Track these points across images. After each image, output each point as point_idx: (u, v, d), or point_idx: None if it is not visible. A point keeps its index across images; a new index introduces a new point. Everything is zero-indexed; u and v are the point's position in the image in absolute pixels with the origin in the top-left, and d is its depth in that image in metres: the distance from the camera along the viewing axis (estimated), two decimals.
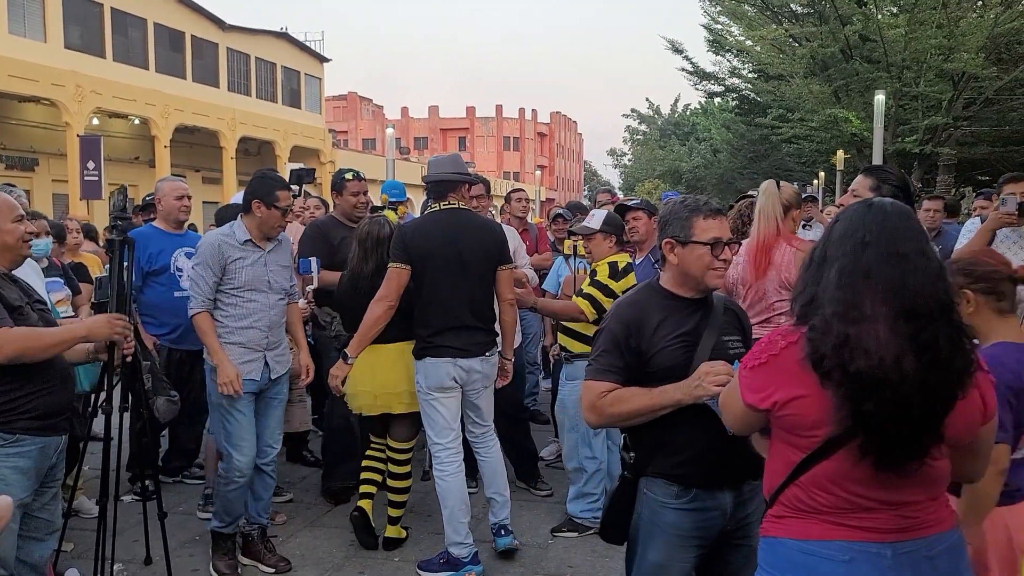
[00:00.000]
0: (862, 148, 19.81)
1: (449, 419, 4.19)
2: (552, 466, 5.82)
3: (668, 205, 2.69)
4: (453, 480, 4.16)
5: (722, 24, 23.96)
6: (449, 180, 4.22)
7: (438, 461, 4.19)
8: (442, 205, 4.20)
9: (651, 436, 2.50)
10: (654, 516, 2.53)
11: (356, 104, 67.71)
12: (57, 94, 23.02)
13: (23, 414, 2.88)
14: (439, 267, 4.07)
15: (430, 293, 4.10)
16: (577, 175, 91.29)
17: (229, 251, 4.03)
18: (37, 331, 2.85)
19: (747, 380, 1.89)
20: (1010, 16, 15.41)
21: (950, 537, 1.85)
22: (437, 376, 4.11)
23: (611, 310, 2.64)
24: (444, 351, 4.08)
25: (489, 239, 4.24)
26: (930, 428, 1.73)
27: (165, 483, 5.05)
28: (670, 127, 66.48)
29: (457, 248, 4.09)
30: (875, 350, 1.68)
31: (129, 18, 26.56)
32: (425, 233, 4.13)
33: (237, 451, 4.05)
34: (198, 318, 4.03)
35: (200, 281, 4.03)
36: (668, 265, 2.59)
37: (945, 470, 1.83)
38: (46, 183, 25.14)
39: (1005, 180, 5.14)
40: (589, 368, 2.54)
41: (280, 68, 34.16)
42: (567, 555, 4.42)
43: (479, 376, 4.20)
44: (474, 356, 4.14)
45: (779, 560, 1.88)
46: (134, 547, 4.39)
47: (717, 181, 42.45)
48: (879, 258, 1.74)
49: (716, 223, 2.55)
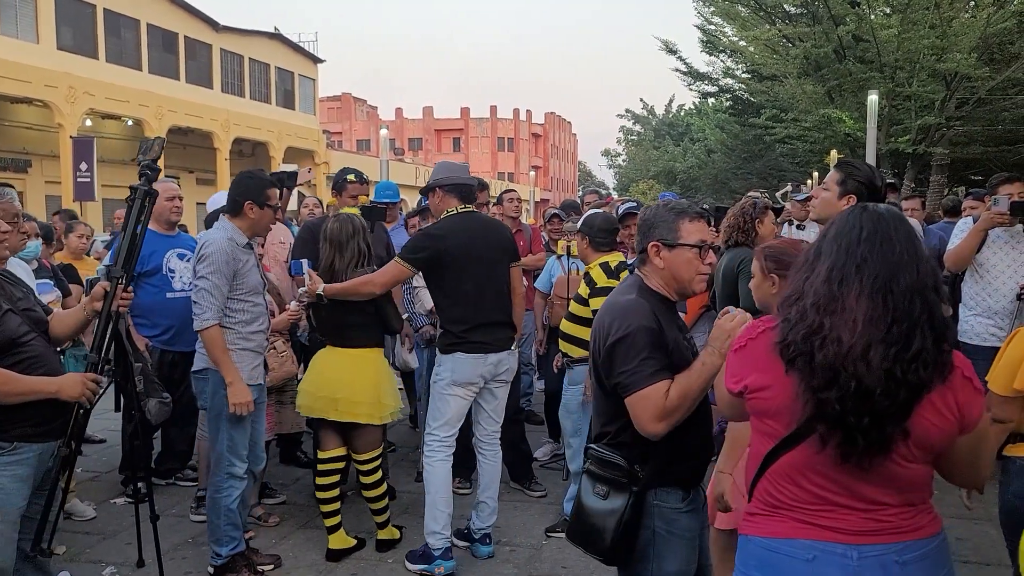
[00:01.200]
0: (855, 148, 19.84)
1: (455, 416, 4.25)
2: (546, 467, 5.82)
3: (651, 208, 2.63)
4: (441, 467, 4.21)
5: (715, 25, 23.99)
6: (470, 185, 4.44)
7: (429, 449, 4.24)
8: (459, 208, 4.30)
9: (669, 444, 2.40)
10: (670, 526, 2.48)
11: (350, 105, 67.64)
12: (50, 95, 22.97)
13: (19, 422, 2.87)
14: (464, 265, 4.17)
15: (457, 292, 4.19)
16: (572, 176, 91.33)
17: (239, 255, 3.98)
18: (10, 376, 2.82)
19: (728, 364, 1.96)
20: (1002, 16, 15.44)
21: (927, 544, 1.82)
22: (464, 372, 4.18)
23: (619, 314, 2.47)
24: (476, 347, 4.18)
25: (504, 236, 4.45)
26: (892, 420, 1.71)
27: (158, 485, 5.03)
28: (664, 127, 66.53)
29: (479, 247, 4.22)
30: (847, 340, 1.70)
31: (122, 19, 26.52)
32: (450, 234, 4.21)
33: (240, 460, 4.04)
34: (213, 331, 3.86)
35: (216, 292, 3.87)
36: (652, 268, 2.56)
37: (920, 475, 1.81)
38: (39, 184, 25.08)
39: (999, 181, 5.15)
40: (636, 377, 2.35)
41: (274, 69, 34.13)
42: (561, 555, 4.41)
43: (506, 369, 4.32)
44: (503, 350, 4.27)
45: (748, 558, 1.90)
46: (126, 549, 4.37)
47: (711, 181, 42.47)
48: (873, 251, 1.77)
49: (701, 226, 2.54)
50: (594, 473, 2.53)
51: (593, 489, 2.53)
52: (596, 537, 2.48)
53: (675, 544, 2.49)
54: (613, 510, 2.45)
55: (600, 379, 2.52)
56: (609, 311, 2.53)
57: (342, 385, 4.26)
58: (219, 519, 4.03)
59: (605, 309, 2.56)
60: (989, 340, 5.15)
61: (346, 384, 4.26)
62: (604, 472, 2.50)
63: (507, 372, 4.35)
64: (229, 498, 4.02)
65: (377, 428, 4.40)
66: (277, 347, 4.78)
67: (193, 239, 5.37)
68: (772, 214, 4.81)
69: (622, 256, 4.63)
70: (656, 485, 2.46)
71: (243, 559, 4.12)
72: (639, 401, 2.35)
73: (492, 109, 73.91)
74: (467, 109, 74.11)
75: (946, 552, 1.88)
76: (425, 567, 4.14)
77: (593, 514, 2.50)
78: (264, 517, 4.85)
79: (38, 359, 2.93)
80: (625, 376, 2.36)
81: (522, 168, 71.45)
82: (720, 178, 40.10)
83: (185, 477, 5.57)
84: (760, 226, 4.59)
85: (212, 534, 4.07)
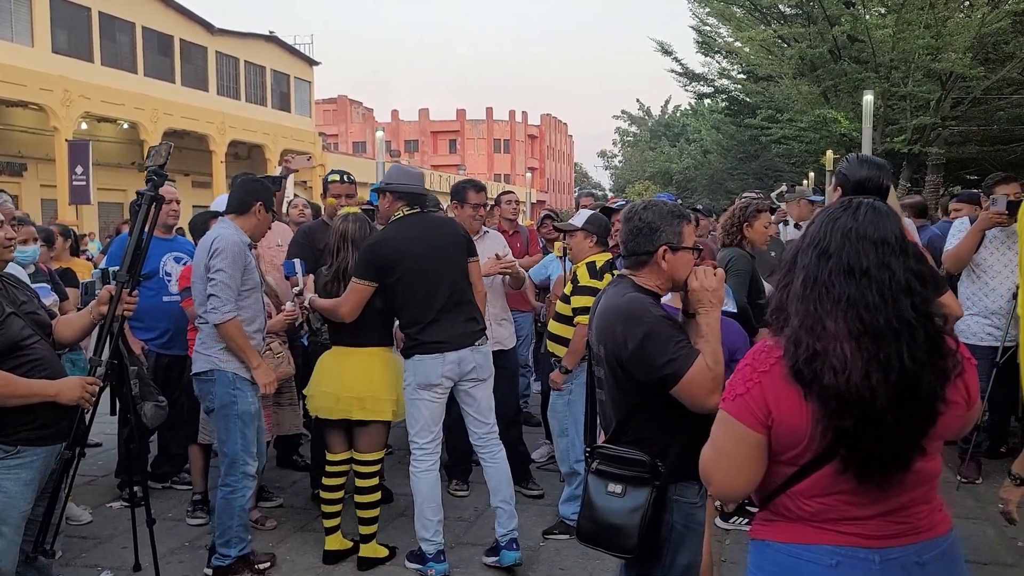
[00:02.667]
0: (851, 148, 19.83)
1: (430, 420, 4.19)
2: (543, 468, 5.81)
3: (653, 211, 2.64)
4: (425, 477, 4.16)
5: (711, 26, 24.01)
6: (421, 195, 4.33)
7: (414, 458, 4.20)
8: (406, 211, 4.23)
9: (688, 437, 2.39)
10: (688, 520, 2.54)
11: (346, 107, 67.66)
12: (45, 99, 22.94)
13: (24, 425, 2.87)
14: (411, 267, 4.10)
15: (408, 294, 4.13)
16: (568, 177, 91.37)
17: (247, 253, 4.03)
18: (10, 379, 2.82)
19: (745, 406, 1.77)
20: (997, 16, 15.46)
21: (944, 542, 1.83)
22: (424, 373, 4.11)
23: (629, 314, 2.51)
24: (431, 347, 4.10)
25: (453, 233, 4.33)
26: (909, 441, 1.70)
27: (154, 489, 5.02)
28: (660, 128, 66.57)
29: (427, 245, 4.13)
30: (841, 368, 1.66)
31: (117, 22, 26.49)
32: (391, 240, 4.14)
33: (253, 459, 4.06)
34: (234, 323, 3.89)
35: (232, 283, 3.90)
36: (655, 270, 2.61)
37: (936, 467, 1.82)
38: (34, 188, 25.05)
39: (995, 181, 5.15)
40: (679, 363, 2.40)
41: (269, 71, 34.11)
42: (558, 557, 4.40)
43: (474, 367, 4.20)
44: (463, 347, 4.16)
45: (766, 563, 1.88)
46: (123, 554, 4.36)
47: (707, 182, 42.51)
48: (839, 273, 1.71)
49: (692, 229, 2.67)
50: (606, 472, 2.56)
51: (606, 489, 2.55)
52: (619, 535, 2.50)
53: (690, 539, 2.54)
54: (636, 507, 2.48)
55: (620, 380, 2.55)
56: (613, 315, 2.55)
57: (369, 384, 4.23)
58: (232, 520, 4.01)
59: (608, 315, 2.58)
60: (986, 340, 5.15)
61: (373, 383, 4.23)
62: (620, 469, 2.53)
63: (477, 370, 4.22)
64: (244, 498, 4.03)
65: (385, 428, 4.37)
66: (273, 348, 4.77)
67: (190, 242, 5.37)
68: (767, 216, 4.83)
69: (608, 255, 4.60)
70: (676, 479, 2.50)
71: (243, 561, 4.10)
72: (691, 382, 2.40)
73: (488, 111, 73.95)
74: (463, 111, 74.16)
75: (959, 549, 1.89)
76: (419, 567, 4.17)
77: (611, 513, 2.52)
78: (261, 521, 4.83)
79: (41, 362, 2.93)
80: (670, 366, 2.42)
81: (518, 170, 71.47)
82: (716, 179, 40.13)
83: (181, 481, 5.55)
84: (748, 229, 4.68)
85: (222, 536, 4.02)
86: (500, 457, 4.33)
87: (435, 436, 4.22)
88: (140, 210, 3.36)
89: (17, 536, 2.91)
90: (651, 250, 2.59)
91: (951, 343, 1.75)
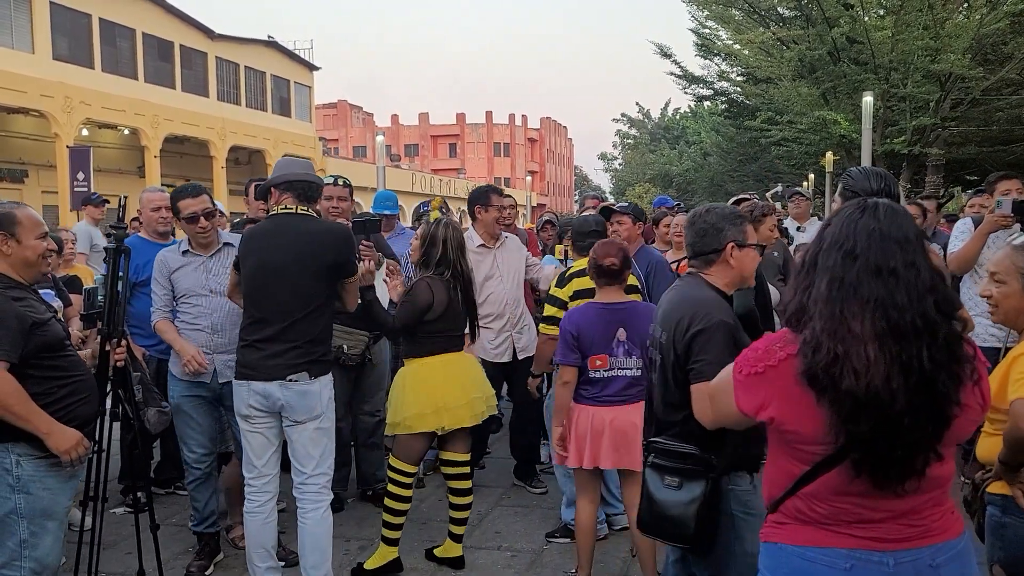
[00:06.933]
0: (851, 150, 19.88)
1: (251, 454, 3.75)
2: (546, 472, 5.80)
3: (715, 213, 2.82)
4: (251, 520, 3.76)
5: (710, 29, 24.06)
6: (308, 182, 3.77)
7: (245, 494, 3.84)
8: (287, 207, 3.71)
9: (742, 431, 2.33)
10: (747, 508, 2.62)
11: (346, 112, 67.70)
12: (46, 105, 22.93)
13: (67, 424, 3.02)
14: (251, 272, 3.69)
15: (247, 301, 3.76)
16: (568, 180, 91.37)
17: (173, 262, 4.27)
18: (24, 397, 2.89)
19: (743, 385, 1.84)
20: (995, 17, 15.50)
21: (956, 545, 1.83)
22: (236, 400, 3.75)
23: (700, 307, 2.64)
24: (242, 372, 3.68)
25: (323, 247, 3.66)
26: (924, 447, 1.71)
27: (157, 495, 5.02)
28: (660, 131, 66.69)
29: (277, 255, 3.63)
30: (863, 371, 1.65)
31: (117, 28, 26.49)
32: (249, 237, 3.78)
33: (188, 449, 4.27)
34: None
35: (157, 289, 4.29)
36: (723, 267, 2.77)
37: (949, 470, 1.81)
38: (36, 195, 25.01)
39: (996, 178, 5.14)
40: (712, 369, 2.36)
41: (269, 77, 34.11)
42: (561, 560, 4.40)
43: (284, 406, 3.63)
44: (271, 380, 3.59)
45: (779, 565, 1.88)
46: (127, 559, 4.36)
47: (707, 184, 42.56)
48: (867, 273, 1.70)
49: (755, 229, 2.91)
50: (661, 466, 2.68)
51: (663, 482, 2.65)
52: (677, 527, 2.62)
53: (754, 524, 2.54)
54: (692, 499, 2.59)
55: (672, 370, 2.67)
56: (685, 304, 2.70)
57: (473, 387, 4.22)
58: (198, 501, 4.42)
59: (679, 303, 2.73)
60: (988, 340, 5.14)
61: (474, 385, 4.23)
62: (674, 463, 2.64)
63: (287, 409, 3.62)
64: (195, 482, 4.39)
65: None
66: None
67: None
68: (773, 218, 4.81)
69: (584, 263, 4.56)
70: (729, 471, 2.60)
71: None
72: (701, 392, 2.46)
73: (488, 115, 73.97)
74: (463, 115, 74.17)
75: (972, 551, 1.89)
76: None
77: (670, 506, 2.63)
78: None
79: (79, 363, 3.18)
80: (700, 364, 2.54)
81: (518, 173, 71.45)
82: (716, 181, 40.21)
83: (184, 486, 5.54)
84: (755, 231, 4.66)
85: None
86: (312, 516, 3.71)
87: (261, 473, 3.75)
88: (108, 264, 3.58)
89: (61, 531, 3.08)
90: (719, 248, 2.76)
91: (968, 348, 1.75)
